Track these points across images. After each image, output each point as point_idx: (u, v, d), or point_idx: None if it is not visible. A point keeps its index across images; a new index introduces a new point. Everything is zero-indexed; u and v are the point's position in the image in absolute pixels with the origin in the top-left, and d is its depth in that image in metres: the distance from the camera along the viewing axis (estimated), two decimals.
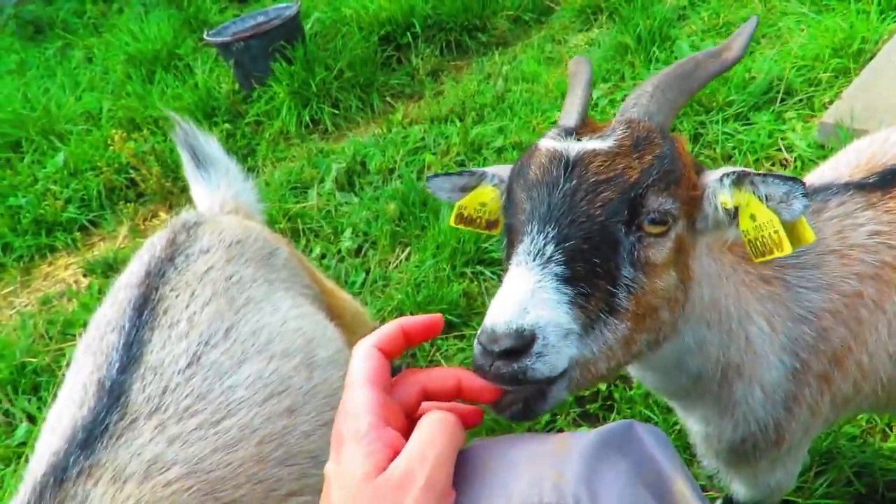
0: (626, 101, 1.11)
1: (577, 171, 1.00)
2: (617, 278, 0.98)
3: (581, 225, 0.96)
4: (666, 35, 4.24)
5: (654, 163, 1.01)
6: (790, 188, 0.98)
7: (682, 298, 1.10)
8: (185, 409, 1.36)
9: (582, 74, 1.21)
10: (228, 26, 5.21)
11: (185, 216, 1.88)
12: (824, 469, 2.07)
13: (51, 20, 7.57)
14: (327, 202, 3.91)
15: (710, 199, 1.08)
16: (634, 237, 0.99)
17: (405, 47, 5.22)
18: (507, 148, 3.87)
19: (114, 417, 1.32)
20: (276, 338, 1.57)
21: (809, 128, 3.29)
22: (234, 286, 1.65)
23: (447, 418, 0.80)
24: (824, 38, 3.66)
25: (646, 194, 0.99)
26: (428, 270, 3.18)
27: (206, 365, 1.44)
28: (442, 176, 1.32)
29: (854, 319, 1.32)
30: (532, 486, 0.76)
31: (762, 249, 1.03)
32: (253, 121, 4.88)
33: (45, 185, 4.59)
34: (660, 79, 1.12)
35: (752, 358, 1.29)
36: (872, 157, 1.50)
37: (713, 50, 1.17)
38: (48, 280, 4.07)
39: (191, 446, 1.31)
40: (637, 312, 1.00)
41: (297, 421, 1.47)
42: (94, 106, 5.40)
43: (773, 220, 1.00)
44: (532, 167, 1.05)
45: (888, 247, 1.33)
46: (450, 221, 1.33)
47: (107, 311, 1.59)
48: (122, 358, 1.43)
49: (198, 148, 2.16)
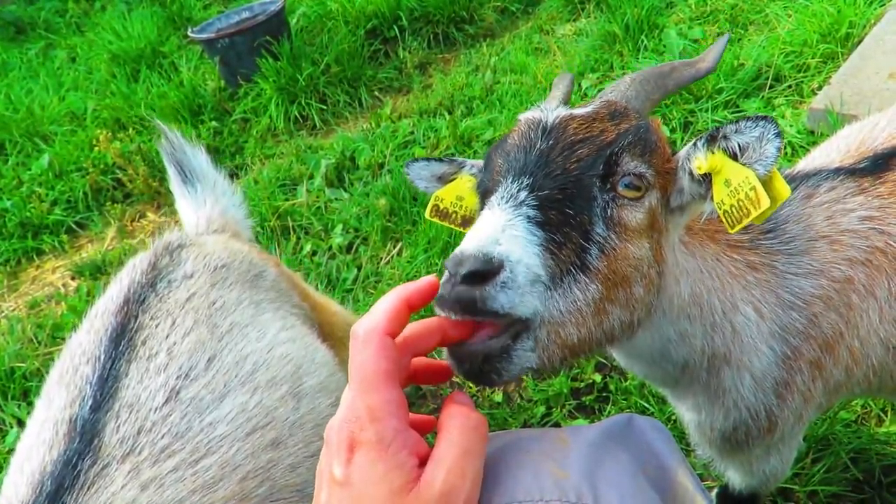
0: (605, 90, 1.16)
1: (555, 133, 1.03)
2: (589, 233, 0.97)
3: (556, 177, 0.97)
4: (654, 23, 4.23)
5: (631, 129, 1.04)
6: (763, 128, 0.98)
7: (655, 279, 1.08)
8: (161, 449, 1.29)
9: (565, 80, 1.30)
10: (213, 23, 5.16)
11: (167, 237, 1.81)
12: (821, 455, 2.07)
13: (32, 20, 7.48)
14: (317, 199, 3.88)
15: (685, 166, 1.09)
16: (609, 196, 1.00)
17: (392, 41, 5.19)
18: (496, 140, 3.84)
19: (85, 464, 1.25)
20: (262, 367, 1.50)
21: (799, 114, 3.29)
22: (218, 312, 1.58)
23: (479, 423, 0.75)
24: (812, 23, 3.66)
25: (621, 154, 1.01)
26: (420, 265, 3.16)
27: (185, 400, 1.37)
28: (422, 161, 1.30)
29: (845, 305, 1.32)
30: (533, 483, 0.75)
31: (738, 215, 1.01)
32: (240, 118, 4.84)
33: (31, 187, 4.55)
34: (638, 73, 1.17)
35: (740, 346, 1.28)
36: (863, 143, 1.50)
37: (689, 60, 1.23)
38: (36, 283, 4.03)
39: (166, 489, 1.25)
40: (608, 276, 0.98)
41: (283, 454, 1.41)
42: (78, 106, 5.35)
43: (748, 177, 0.99)
44: (512, 136, 1.08)
45: (879, 232, 1.32)
46: (425, 213, 1.30)
47: (82, 339, 1.52)
48: (95, 394, 1.36)
49: (185, 162, 2.09)
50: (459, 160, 1.28)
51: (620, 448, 0.81)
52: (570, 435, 0.82)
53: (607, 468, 0.77)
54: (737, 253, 1.29)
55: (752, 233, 1.32)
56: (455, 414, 0.75)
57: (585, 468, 0.76)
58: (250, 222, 2.30)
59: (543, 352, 0.90)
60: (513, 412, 2.51)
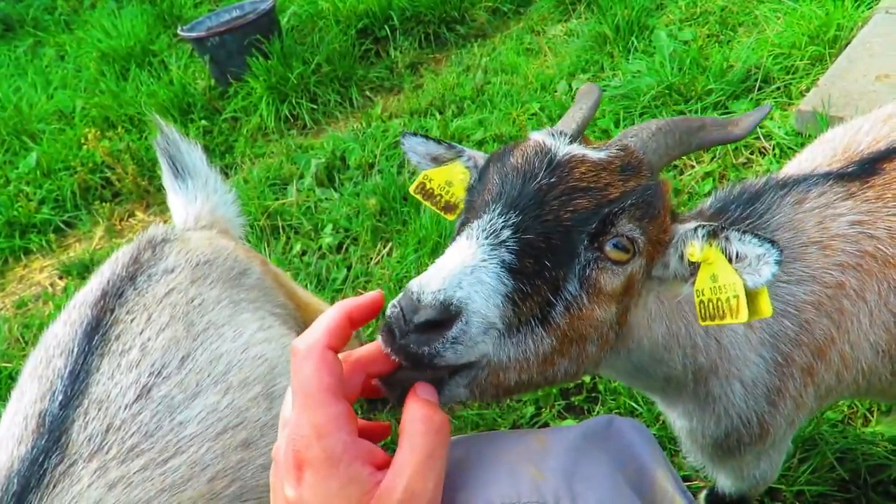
0: (628, 129, 1.09)
1: (560, 171, 0.96)
2: (560, 289, 0.93)
3: (545, 222, 0.92)
4: (644, 25, 4.24)
5: (637, 190, 0.98)
6: (766, 251, 0.94)
7: (612, 340, 1.06)
8: (129, 448, 1.28)
9: (592, 95, 1.19)
10: (203, 21, 5.13)
11: (151, 231, 1.78)
12: (807, 456, 2.09)
13: (21, 17, 7.42)
14: (307, 198, 3.87)
15: (678, 246, 1.05)
16: (592, 255, 0.95)
17: (383, 40, 5.18)
18: (487, 140, 3.85)
19: (52, 461, 1.24)
20: (235, 367, 1.49)
21: (787, 116, 3.31)
22: (195, 310, 1.56)
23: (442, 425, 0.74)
24: (800, 25, 3.68)
25: (619, 215, 0.95)
26: (410, 265, 3.16)
27: (155, 399, 1.35)
28: (420, 137, 1.25)
29: (837, 310, 1.32)
30: (511, 485, 0.75)
31: (713, 313, 0.98)
32: (230, 117, 4.82)
33: (18, 185, 4.51)
34: (666, 123, 1.09)
35: (727, 358, 1.28)
36: (848, 147, 1.51)
37: (722, 120, 1.15)
38: (23, 283, 3.99)
39: (134, 489, 1.24)
40: (566, 333, 0.95)
41: (254, 454, 1.40)
42: (66, 104, 5.30)
43: (736, 284, 0.96)
44: (516, 153, 1.02)
45: (868, 236, 1.33)
46: (410, 189, 1.27)
47: (58, 331, 1.50)
48: (66, 389, 1.35)
49: (177, 158, 2.06)
50: (459, 147, 1.24)
51: (600, 450, 0.81)
52: (548, 436, 0.82)
53: (585, 470, 0.77)
54: None
55: None
56: (417, 417, 0.74)
57: (563, 470, 0.76)
58: (242, 220, 2.28)
59: (477, 388, 0.89)
60: (502, 413, 2.51)
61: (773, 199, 1.36)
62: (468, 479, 0.77)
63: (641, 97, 3.60)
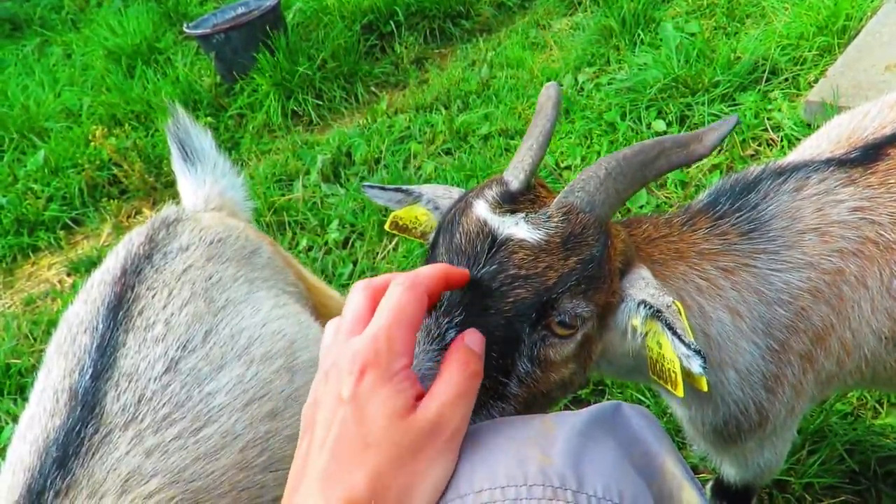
0: (575, 182, 1.04)
1: (500, 257, 0.96)
2: (511, 372, 0.97)
3: (488, 318, 0.93)
4: (650, 17, 4.21)
5: (577, 267, 0.96)
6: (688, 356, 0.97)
7: (578, 381, 1.08)
8: (163, 417, 1.32)
9: (546, 112, 1.13)
10: (208, 18, 5.15)
11: (164, 212, 1.82)
12: (816, 448, 2.07)
13: (28, 17, 7.46)
14: (313, 194, 3.87)
15: (624, 314, 1.07)
16: (539, 335, 0.97)
17: (388, 36, 5.17)
18: (493, 135, 3.84)
19: (89, 431, 1.27)
20: (257, 341, 1.52)
21: (795, 107, 3.28)
22: (214, 287, 1.60)
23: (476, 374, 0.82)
24: (808, 16, 3.65)
25: (560, 299, 0.96)
26: (416, 260, 3.16)
27: (183, 371, 1.39)
28: (378, 188, 1.34)
29: (836, 297, 1.30)
30: (517, 469, 0.75)
31: (659, 373, 1.03)
32: (236, 114, 4.83)
33: (26, 183, 4.53)
34: (615, 165, 1.03)
35: (717, 348, 1.27)
36: (853, 133, 1.48)
37: (682, 138, 1.08)
38: (31, 280, 4.02)
39: (171, 456, 1.27)
40: (526, 398, 0.99)
41: (280, 425, 1.44)
42: (73, 102, 5.33)
43: (674, 362, 0.99)
44: (460, 230, 1.00)
45: (870, 222, 1.31)
46: (386, 226, 1.36)
47: (79, 310, 1.53)
48: (94, 363, 1.37)
49: (187, 142, 2.08)
50: (415, 192, 1.30)
51: (606, 435, 0.81)
52: (555, 421, 0.81)
53: (592, 455, 0.77)
54: (707, 261, 1.25)
55: (728, 236, 1.29)
56: (459, 358, 0.83)
57: (570, 455, 0.75)
58: (250, 204, 2.30)
59: None
60: None
61: (770, 187, 1.34)
62: (474, 462, 0.77)
63: (648, 90, 3.58)
